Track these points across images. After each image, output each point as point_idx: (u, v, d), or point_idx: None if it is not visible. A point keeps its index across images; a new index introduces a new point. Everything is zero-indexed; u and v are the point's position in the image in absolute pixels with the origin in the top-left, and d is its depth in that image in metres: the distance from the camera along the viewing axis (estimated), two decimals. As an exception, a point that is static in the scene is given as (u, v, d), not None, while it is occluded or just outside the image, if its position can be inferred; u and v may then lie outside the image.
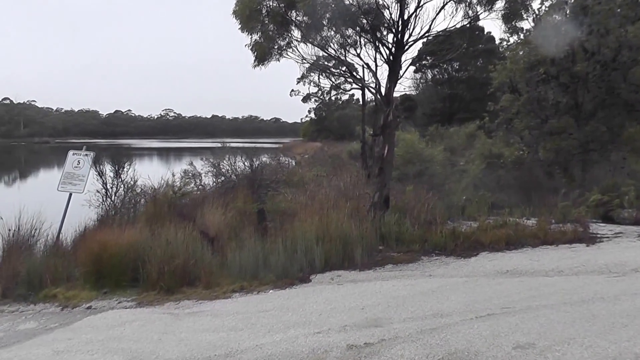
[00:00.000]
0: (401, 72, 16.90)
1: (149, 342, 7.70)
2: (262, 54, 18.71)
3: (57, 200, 15.66)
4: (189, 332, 8.07)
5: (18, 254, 13.11)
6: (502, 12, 16.95)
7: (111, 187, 18.42)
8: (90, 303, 11.00)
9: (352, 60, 19.54)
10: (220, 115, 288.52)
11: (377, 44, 17.64)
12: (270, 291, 10.76)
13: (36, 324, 10.02)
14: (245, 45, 18.86)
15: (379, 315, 8.12)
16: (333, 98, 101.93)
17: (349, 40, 18.73)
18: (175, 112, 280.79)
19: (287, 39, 18.83)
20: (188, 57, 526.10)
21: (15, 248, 13.66)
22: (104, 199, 18.18)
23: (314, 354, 6.54)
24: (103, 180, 18.40)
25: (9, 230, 13.97)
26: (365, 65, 18.87)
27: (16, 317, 10.66)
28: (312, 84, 78.77)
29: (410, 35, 16.56)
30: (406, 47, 16.71)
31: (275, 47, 18.87)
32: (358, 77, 22.60)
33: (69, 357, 7.31)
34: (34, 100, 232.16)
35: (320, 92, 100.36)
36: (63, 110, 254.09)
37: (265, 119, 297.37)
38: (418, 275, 11.36)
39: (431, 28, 16.63)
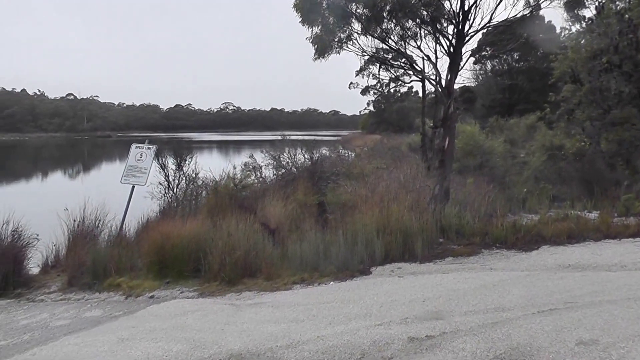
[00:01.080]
0: (461, 64, 16.80)
1: (212, 332, 7.78)
2: (323, 47, 18.73)
3: (120, 193, 15.92)
4: (251, 323, 8.12)
5: (83, 244, 13.40)
6: (564, 0, 16.70)
7: (173, 180, 18.61)
8: (153, 292, 11.20)
9: (412, 52, 19.45)
10: (279, 108, 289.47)
11: (437, 36, 17.56)
12: (331, 283, 10.79)
13: (101, 311, 10.24)
14: (306, 39, 18.90)
15: (440, 308, 8.08)
16: (392, 90, 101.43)
17: (409, 32, 18.66)
18: (234, 106, 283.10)
19: (347, 32, 18.82)
20: (248, 51, 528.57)
21: (80, 238, 13.96)
22: (166, 191, 18.38)
23: (375, 346, 6.54)
24: (165, 173, 18.60)
25: (74, 220, 14.27)
26: (425, 57, 18.77)
27: (82, 305, 10.92)
28: (371, 76, 78.66)
29: (471, 26, 16.45)
30: (466, 38, 16.59)
31: (336, 39, 18.86)
32: (418, 69, 22.42)
33: (134, 345, 7.42)
34: (96, 96, 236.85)
35: (379, 84, 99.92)
36: (125, 105, 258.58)
37: (324, 111, 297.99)
38: (478, 268, 11.28)
39: (492, 18, 16.50)
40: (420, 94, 43.83)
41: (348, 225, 12.84)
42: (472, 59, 63.08)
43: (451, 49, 16.56)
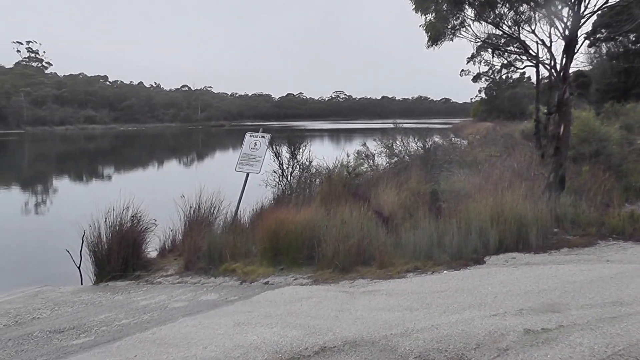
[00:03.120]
0: (576, 47, 16.37)
1: (326, 318, 7.84)
2: (436, 34, 18.64)
3: (234, 180, 16.22)
4: (365, 311, 8.15)
5: (199, 230, 13.79)
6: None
7: (287, 168, 18.81)
8: (267, 278, 11.40)
9: (526, 36, 19.15)
10: (390, 97, 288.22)
11: (552, 19, 17.17)
12: (445, 272, 10.74)
13: (217, 295, 10.50)
14: (420, 26, 18.84)
15: (555, 301, 7.93)
16: (504, 77, 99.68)
17: (523, 17, 18.38)
18: (345, 94, 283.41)
19: (460, 18, 18.67)
20: (360, 39, 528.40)
21: (196, 224, 14.38)
22: (280, 179, 18.60)
23: (490, 336, 6.48)
24: (279, 161, 18.83)
25: (190, 207, 14.67)
26: (539, 42, 18.43)
27: (198, 289, 11.24)
28: (482, 63, 77.50)
29: (586, 7, 15.96)
30: (582, 20, 16.13)
31: (449, 26, 18.74)
32: (532, 53, 22.02)
33: (249, 329, 7.56)
34: (210, 86, 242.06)
35: (490, 71, 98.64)
36: (237, 95, 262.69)
37: (434, 99, 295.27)
38: (595, 260, 10.99)
39: (608, -1, 16.00)
40: (533, 80, 42.90)
41: (462, 214, 12.73)
42: (587, 42, 61.15)
43: (566, 32, 16.14)
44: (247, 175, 15.67)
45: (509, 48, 26.91)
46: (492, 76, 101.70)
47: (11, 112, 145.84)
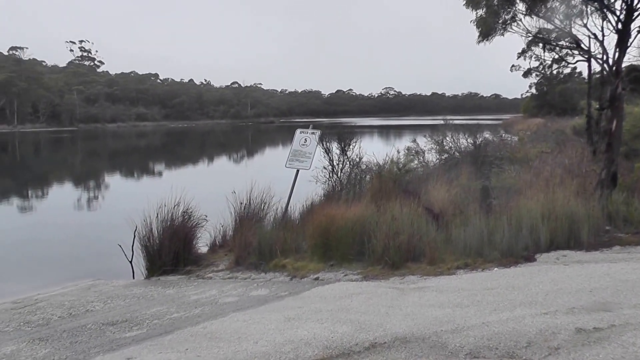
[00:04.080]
0: (630, 41, 16.10)
1: (376, 314, 7.85)
2: (487, 29, 18.54)
3: (284, 176, 16.30)
4: (415, 307, 8.14)
5: (249, 226, 13.88)
6: None
7: (337, 164, 18.80)
8: (317, 274, 11.46)
9: (578, 30, 18.94)
10: (439, 93, 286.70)
11: (604, 12, 16.95)
12: (495, 269, 10.67)
13: (267, 291, 10.59)
14: (470, 21, 18.75)
15: (607, 300, 7.82)
16: (554, 72, 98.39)
17: (574, 10, 18.18)
18: (395, 90, 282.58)
19: (511, 13, 18.54)
20: (408, 36, 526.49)
21: (247, 220, 14.47)
22: (330, 175, 18.60)
23: (541, 335, 6.41)
24: (329, 157, 18.83)
25: (241, 203, 14.77)
26: (592, 35, 18.22)
27: (249, 284, 11.34)
28: (533, 58, 76.64)
29: (640, -1, 15.69)
30: (635, 13, 15.86)
31: (500, 21, 18.61)
32: (584, 48, 21.74)
33: (300, 325, 7.60)
34: (260, 83, 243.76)
35: (541, 66, 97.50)
36: (287, 92, 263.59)
37: (484, 95, 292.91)
38: (648, 259, 10.83)
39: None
40: (585, 75, 42.28)
41: (512, 211, 12.61)
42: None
43: (619, 25, 15.88)
44: (297, 171, 15.72)
45: (560, 42, 26.57)
46: (542, 71, 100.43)
47: (64, 110, 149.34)
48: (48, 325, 9.63)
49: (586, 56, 27.15)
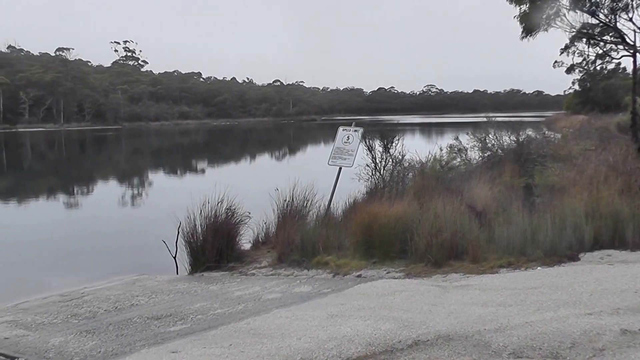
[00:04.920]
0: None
1: (419, 312, 7.83)
2: (530, 25, 18.44)
3: (327, 174, 16.33)
4: (458, 305, 8.10)
5: (292, 223, 13.97)
6: None
7: (380, 161, 18.79)
8: (360, 272, 11.45)
9: (623, 25, 18.73)
10: (481, 90, 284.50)
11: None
12: (538, 268, 10.55)
13: (310, 288, 10.64)
14: (514, 17, 18.64)
15: (654, 300, 7.74)
16: (598, 68, 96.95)
17: (619, 4, 18.00)
18: (437, 88, 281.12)
19: (555, 8, 18.40)
20: (450, 33, 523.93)
21: (289, 217, 14.57)
22: (373, 172, 18.60)
23: (586, 336, 6.35)
24: (372, 155, 18.82)
25: (284, 200, 14.85)
26: (637, 30, 18.01)
27: (291, 281, 11.42)
28: (576, 53, 75.67)
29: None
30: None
31: (543, 16, 18.48)
32: (629, 42, 21.48)
33: (343, 321, 7.60)
34: (302, 81, 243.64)
35: (584, 62, 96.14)
36: (329, 89, 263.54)
37: (526, 92, 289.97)
38: (697, 259, 10.66)
39: None
40: (630, 70, 41.64)
41: (556, 209, 12.48)
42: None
43: (666, 19, 15.68)
44: (340, 168, 15.72)
45: (604, 37, 26.34)
46: (586, 67, 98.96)
47: (109, 109, 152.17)
48: (94, 318, 9.83)
49: (631, 51, 26.80)
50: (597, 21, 19.11)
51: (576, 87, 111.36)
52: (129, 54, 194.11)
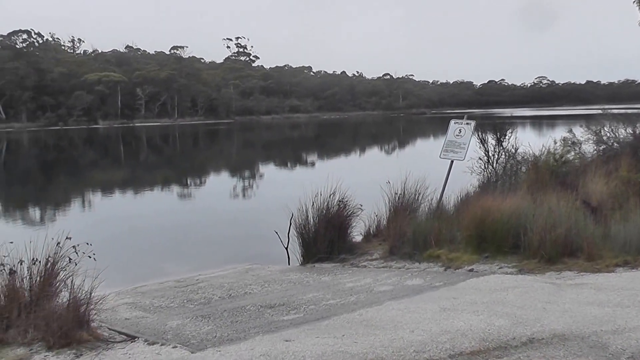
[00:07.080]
0: None
1: (533, 309, 7.75)
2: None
3: (438, 167, 16.25)
4: (573, 304, 7.95)
5: (403, 216, 13.99)
6: None
7: (493, 155, 18.60)
8: (472, 266, 11.40)
9: None
10: (594, 81, 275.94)
11: None
12: (658, 268, 10.26)
13: (422, 281, 10.64)
14: (633, 2, 18.08)
15: None
16: None
17: None
18: (548, 79, 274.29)
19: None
20: (562, 22, 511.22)
21: (401, 210, 14.57)
22: (486, 166, 18.42)
23: None
24: (485, 148, 18.64)
25: (395, 193, 14.86)
26: None
27: (402, 273, 11.45)
28: None
29: None
30: None
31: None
32: None
33: (455, 315, 7.61)
34: (411, 75, 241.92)
35: None
36: (438, 83, 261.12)
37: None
38: None
39: None
40: None
41: (676, 206, 12.10)
42: None
43: None
44: (452, 162, 15.61)
45: None
46: None
47: (221, 103, 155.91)
48: (209, 304, 10.13)
49: None
50: None
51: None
52: (241, 49, 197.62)
